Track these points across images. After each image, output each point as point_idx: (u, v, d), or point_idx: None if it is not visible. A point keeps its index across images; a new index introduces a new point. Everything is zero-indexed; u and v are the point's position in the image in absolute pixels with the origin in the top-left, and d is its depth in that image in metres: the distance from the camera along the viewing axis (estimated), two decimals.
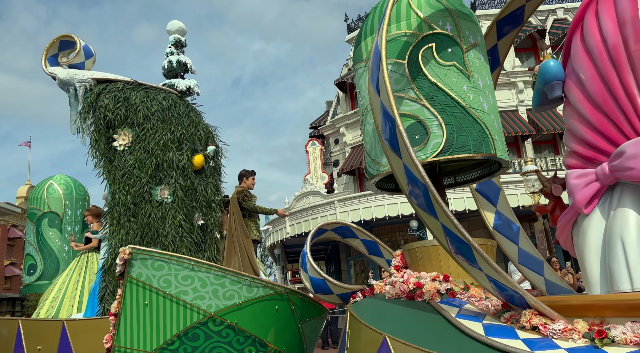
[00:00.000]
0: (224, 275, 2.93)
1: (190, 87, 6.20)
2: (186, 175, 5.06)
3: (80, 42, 5.38)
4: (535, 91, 2.63)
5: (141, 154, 4.91)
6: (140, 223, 4.70)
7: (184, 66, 6.35)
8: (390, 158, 2.36)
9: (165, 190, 4.88)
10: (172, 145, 5.08)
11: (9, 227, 29.21)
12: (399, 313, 2.45)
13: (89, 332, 3.76)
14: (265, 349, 3.02)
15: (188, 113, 5.43)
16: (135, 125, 5.02)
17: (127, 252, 2.85)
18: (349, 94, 22.11)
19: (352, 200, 17.07)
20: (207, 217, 5.20)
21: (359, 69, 3.07)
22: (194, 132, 5.37)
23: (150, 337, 2.88)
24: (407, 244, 2.94)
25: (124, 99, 5.06)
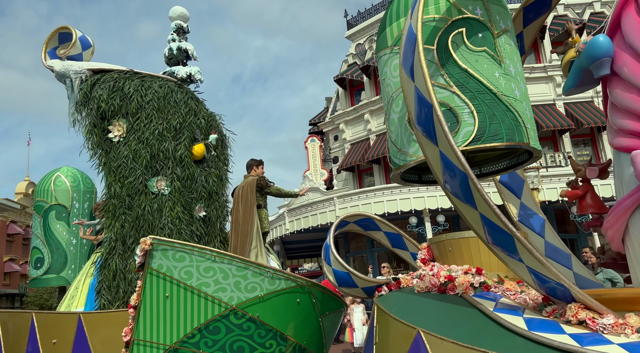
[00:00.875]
0: (246, 267, 2.80)
1: (190, 74, 5.96)
2: (184, 165, 4.83)
3: (76, 33, 5.22)
4: (573, 71, 2.48)
5: (136, 145, 4.70)
6: (135, 216, 4.50)
7: (185, 53, 6.11)
8: (424, 145, 2.23)
9: (162, 181, 4.67)
10: (168, 134, 4.84)
11: (8, 223, 29.12)
12: (431, 307, 2.33)
13: (105, 324, 3.60)
14: (286, 343, 2.90)
15: (186, 101, 5.16)
16: (130, 115, 4.79)
17: (147, 242, 2.72)
18: (348, 90, 21.93)
19: (351, 196, 16.96)
20: (209, 208, 4.97)
21: (384, 56, 2.93)
22: (193, 120, 5.12)
23: (171, 330, 2.75)
24: (434, 236, 2.81)
25: (118, 89, 4.83)
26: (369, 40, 21.37)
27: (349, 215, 3.23)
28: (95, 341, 3.51)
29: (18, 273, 29.79)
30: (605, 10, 17.62)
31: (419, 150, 2.58)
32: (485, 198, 1.96)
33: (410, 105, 2.27)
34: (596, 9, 17.64)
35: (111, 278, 4.34)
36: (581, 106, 16.95)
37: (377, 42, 3.06)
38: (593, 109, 16.60)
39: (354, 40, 22.88)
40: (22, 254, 30.57)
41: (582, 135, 17.14)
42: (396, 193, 16.30)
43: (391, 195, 16.39)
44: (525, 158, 2.91)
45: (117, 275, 4.37)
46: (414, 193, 16.27)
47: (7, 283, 29.16)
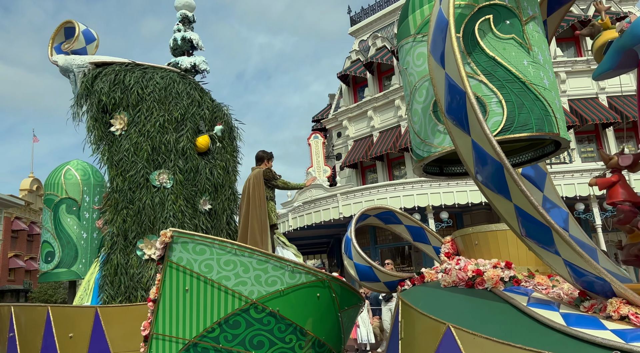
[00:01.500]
0: (267, 260, 2.71)
1: (195, 64, 5.77)
2: (187, 157, 4.66)
3: (80, 27, 5.12)
4: (612, 52, 2.36)
5: (137, 137, 4.56)
6: (136, 210, 4.38)
7: (190, 43, 5.91)
8: (455, 135, 2.14)
9: (163, 174, 4.53)
10: (170, 126, 4.67)
11: (12, 220, 29.16)
12: (460, 301, 2.25)
13: (123, 318, 3.53)
14: (305, 338, 2.82)
15: (189, 91, 4.97)
16: (130, 107, 4.66)
17: (168, 235, 2.63)
18: (351, 87, 21.79)
19: (354, 193, 16.88)
20: (215, 201, 4.80)
21: (406, 44, 2.83)
22: (197, 111, 4.92)
23: (190, 324, 2.68)
24: (459, 230, 2.72)
25: (119, 82, 4.70)
26: (373, 37, 21.20)
27: (369, 208, 3.14)
28: (112, 335, 3.43)
29: (22, 269, 29.86)
30: (610, 5, 17.41)
31: (444, 141, 2.49)
32: (522, 188, 1.87)
33: (440, 94, 2.17)
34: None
35: (113, 273, 4.26)
36: (585, 103, 16.79)
37: (399, 30, 2.95)
38: (597, 105, 16.44)
39: (357, 37, 22.72)
40: (27, 250, 30.61)
41: (587, 132, 16.99)
42: (399, 190, 16.21)
43: (394, 191, 16.30)
44: (551, 149, 2.82)
45: (119, 270, 4.28)
46: (417, 190, 16.18)
47: (12, 279, 29.22)
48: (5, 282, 28.47)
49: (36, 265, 30.88)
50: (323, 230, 18.97)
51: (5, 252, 28.12)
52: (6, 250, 28.27)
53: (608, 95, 16.77)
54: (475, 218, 16.97)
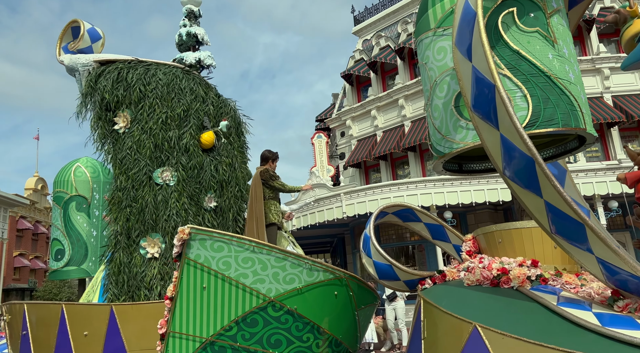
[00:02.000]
0: (285, 257, 2.65)
1: (200, 59, 5.63)
2: (191, 154, 4.56)
3: (84, 26, 5.08)
4: None
5: (139, 135, 4.49)
6: (140, 208, 4.31)
7: (195, 38, 5.69)
8: (482, 130, 2.07)
9: (166, 171, 4.43)
10: (172, 122, 4.58)
11: (17, 219, 29.19)
12: (485, 300, 2.18)
13: (138, 316, 3.44)
14: (323, 337, 2.76)
15: (192, 87, 4.85)
16: (132, 105, 4.59)
17: (186, 232, 2.57)
18: (355, 87, 21.71)
19: (358, 192, 16.80)
20: (221, 198, 4.68)
21: (425, 39, 2.76)
22: (200, 107, 4.79)
23: (207, 322, 2.62)
24: (481, 227, 2.65)
25: (122, 79, 4.64)
26: (376, 36, 21.13)
27: (388, 205, 3.07)
28: (128, 333, 3.35)
29: (27, 268, 29.89)
30: (615, 5, 17.28)
31: (466, 137, 2.43)
32: (554, 184, 1.80)
33: (466, 88, 2.11)
34: (606, 4, 17.30)
35: (117, 272, 4.22)
36: (590, 102, 16.68)
37: (417, 25, 2.89)
38: (602, 104, 16.33)
39: (361, 36, 22.64)
40: (32, 249, 30.64)
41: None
42: (403, 190, 16.14)
43: (398, 191, 16.23)
44: (573, 146, 2.75)
45: (122, 268, 4.23)
46: (421, 190, 16.11)
47: (17, 277, 29.26)
48: (10, 280, 28.51)
49: (41, 264, 30.91)
50: (326, 229, 18.89)
51: (10, 251, 28.15)
52: (11, 249, 28.29)
53: (613, 95, 16.65)
54: (479, 218, 16.87)
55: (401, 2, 20.89)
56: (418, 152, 19.25)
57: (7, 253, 27.56)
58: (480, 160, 2.91)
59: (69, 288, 26.96)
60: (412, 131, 18.73)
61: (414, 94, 18.89)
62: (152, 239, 4.27)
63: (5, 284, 27.31)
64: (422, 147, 18.85)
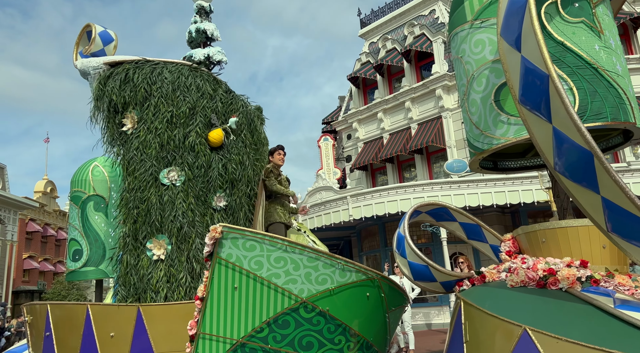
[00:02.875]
0: (317, 257, 2.54)
1: (208, 55, 5.46)
2: (197, 152, 4.41)
3: (96, 30, 5.04)
4: None
5: (145, 135, 4.41)
6: (147, 210, 4.22)
7: (204, 34, 5.47)
8: (531, 123, 1.97)
9: (173, 171, 4.31)
10: (177, 121, 4.45)
11: (27, 221, 29.25)
12: (533, 302, 2.06)
13: (165, 317, 3.33)
14: (354, 339, 2.65)
15: (198, 84, 4.69)
16: (138, 105, 4.52)
17: (218, 230, 2.47)
18: (361, 89, 21.65)
19: (364, 195, 16.67)
20: (231, 197, 4.48)
21: (461, 32, 2.66)
22: (207, 104, 4.62)
23: (238, 323, 2.51)
24: (523, 226, 2.53)
25: (129, 80, 4.57)
26: (383, 39, 21.08)
27: (422, 204, 2.95)
28: (155, 334, 3.23)
29: (37, 270, 29.93)
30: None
31: (507, 132, 2.32)
32: (616, 179, 1.69)
33: (514, 79, 2.01)
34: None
35: (125, 273, 4.14)
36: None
37: (452, 18, 2.79)
38: None
39: (367, 39, 22.60)
40: (41, 251, 30.71)
41: None
42: (409, 192, 16.01)
43: (404, 194, 16.10)
44: (617, 141, 2.63)
45: (129, 270, 4.14)
46: (427, 193, 15.97)
47: (27, 279, 29.30)
48: (20, 283, 28.56)
49: (50, 267, 30.93)
50: (333, 232, 18.76)
51: (20, 254, 28.20)
52: (21, 251, 28.35)
53: None
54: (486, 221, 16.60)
55: (407, 4, 20.84)
56: (425, 155, 19.12)
57: (16, 256, 27.62)
58: (516, 157, 2.80)
59: (77, 290, 26.94)
60: (418, 133, 18.62)
61: (421, 97, 18.79)
62: (158, 241, 4.18)
63: (15, 286, 27.33)
64: (429, 149, 18.73)
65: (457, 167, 16.86)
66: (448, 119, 18.39)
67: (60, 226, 33.48)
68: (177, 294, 3.75)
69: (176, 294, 3.76)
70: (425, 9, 20.58)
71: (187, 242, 4.11)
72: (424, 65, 19.58)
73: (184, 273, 3.96)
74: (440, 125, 18.27)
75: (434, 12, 20.21)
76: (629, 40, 17.35)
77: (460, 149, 17.66)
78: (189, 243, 4.11)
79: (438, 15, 19.86)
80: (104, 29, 5.19)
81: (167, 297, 3.79)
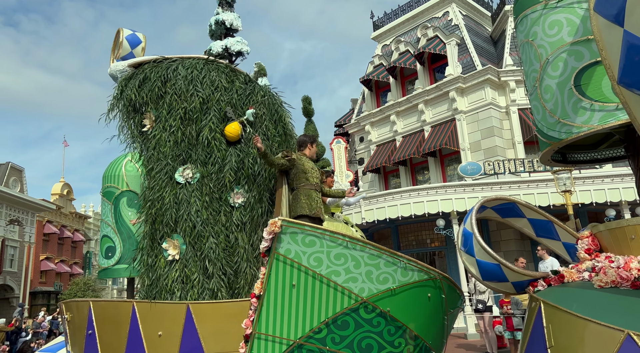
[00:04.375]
0: (379, 255, 2.34)
1: (226, 47, 5.07)
2: (212, 148, 4.20)
3: (123, 34, 4.98)
4: None
5: (160, 133, 4.28)
6: (164, 209, 4.08)
7: (223, 25, 5.16)
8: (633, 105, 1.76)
9: (187, 169, 4.15)
10: (192, 116, 4.24)
11: (44, 223, 29.50)
12: (632, 305, 1.85)
13: (216, 316, 3.09)
14: (414, 342, 2.44)
15: (212, 78, 4.43)
16: (154, 103, 4.39)
17: (277, 224, 2.28)
18: (374, 92, 21.47)
19: (377, 198, 16.45)
20: (250, 193, 4.20)
21: (532, 14, 2.45)
22: (222, 97, 4.34)
23: (296, 323, 2.31)
24: (605, 223, 2.31)
25: (147, 79, 4.47)
26: (396, 41, 20.90)
27: (489, 199, 2.72)
28: (205, 333, 2.97)
29: (53, 272, 30.11)
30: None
31: (591, 119, 2.11)
32: None
33: (612, 58, 1.80)
34: None
35: (144, 273, 4.03)
36: None
37: (519, 1, 2.59)
38: None
39: (380, 42, 22.45)
40: (57, 253, 30.93)
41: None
42: (423, 195, 15.76)
43: (418, 197, 15.86)
44: None
45: (147, 270, 4.01)
46: (441, 195, 15.70)
47: (43, 281, 29.48)
48: (37, 283, 28.73)
49: (66, 268, 31.07)
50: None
51: (37, 255, 28.40)
52: (38, 253, 28.55)
53: None
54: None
55: (420, 7, 20.65)
56: (438, 157, 18.85)
57: (34, 257, 27.80)
58: (586, 149, 2.59)
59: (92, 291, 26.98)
60: (432, 136, 18.36)
61: (434, 99, 18.56)
62: (173, 241, 4.03)
63: (32, 287, 27.48)
64: (443, 152, 18.47)
65: (471, 170, 16.57)
66: (462, 121, 18.13)
67: (77, 228, 33.71)
68: (191, 296, 3.58)
69: (190, 295, 3.59)
70: (439, 11, 20.36)
71: (200, 242, 3.94)
72: (437, 67, 19.35)
73: (198, 274, 3.78)
74: (453, 127, 18.01)
75: (447, 14, 19.99)
76: None
77: (474, 151, 17.39)
78: (202, 243, 3.93)
79: (452, 17, 19.63)
80: (132, 32, 5.11)
81: (181, 298, 3.64)
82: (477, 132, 17.91)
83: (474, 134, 17.88)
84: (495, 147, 17.02)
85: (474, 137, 17.75)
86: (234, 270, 3.80)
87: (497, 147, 17.01)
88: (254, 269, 3.80)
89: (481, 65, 17.36)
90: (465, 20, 19.34)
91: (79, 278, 29.33)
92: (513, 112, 17.44)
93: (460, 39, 18.53)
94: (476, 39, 18.95)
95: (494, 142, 17.16)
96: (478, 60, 17.61)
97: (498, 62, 18.61)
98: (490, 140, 17.33)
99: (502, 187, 15.09)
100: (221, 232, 3.98)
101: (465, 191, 15.36)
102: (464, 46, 18.39)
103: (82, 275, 31.49)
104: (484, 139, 17.55)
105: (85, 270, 34.29)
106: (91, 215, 37.03)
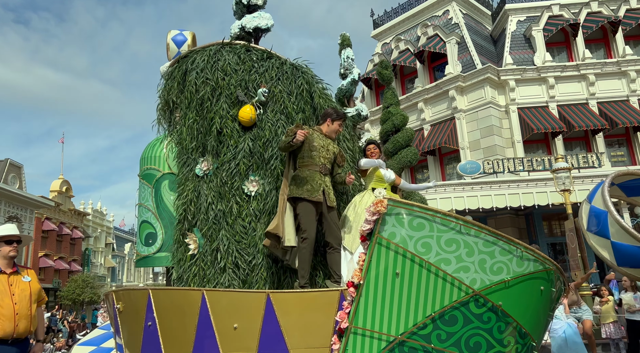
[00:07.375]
0: (495, 241, 1.93)
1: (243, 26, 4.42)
2: (223, 135, 3.87)
3: (170, 35, 4.87)
4: None
5: (181, 128, 4.11)
6: (186, 204, 3.90)
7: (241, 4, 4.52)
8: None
9: (205, 161, 3.89)
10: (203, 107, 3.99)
11: (43, 220, 28.69)
12: None
13: (300, 307, 2.51)
14: (523, 340, 2.07)
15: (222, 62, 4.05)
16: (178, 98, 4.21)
17: (384, 203, 1.87)
18: (374, 90, 21.18)
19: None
20: (264, 180, 3.75)
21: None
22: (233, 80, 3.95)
23: (398, 317, 1.91)
24: None
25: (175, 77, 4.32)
26: (396, 40, 20.61)
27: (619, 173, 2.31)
28: (288, 327, 2.42)
29: (52, 269, 29.28)
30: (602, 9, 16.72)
31: None
32: None
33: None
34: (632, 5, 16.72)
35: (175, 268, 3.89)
36: (615, 105, 16.10)
37: None
38: (628, 108, 15.74)
39: (380, 40, 22.13)
40: (56, 250, 30.14)
41: (617, 135, 16.24)
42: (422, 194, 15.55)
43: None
44: None
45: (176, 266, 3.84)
46: (440, 194, 15.47)
47: (42, 277, 28.53)
48: None
49: (65, 265, 30.15)
50: None
51: (35, 252, 27.53)
52: (36, 249, 27.70)
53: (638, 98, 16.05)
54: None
55: (420, 5, 20.37)
56: (437, 156, 18.60)
57: (32, 254, 26.93)
58: None
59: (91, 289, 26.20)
60: (431, 135, 18.10)
61: (434, 98, 18.30)
62: (192, 235, 3.81)
63: None
64: (442, 150, 18.22)
65: (470, 169, 16.37)
66: (461, 120, 17.94)
67: (76, 225, 32.92)
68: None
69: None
70: (439, 10, 20.11)
71: (215, 235, 3.67)
72: (437, 66, 19.12)
73: (212, 268, 3.57)
74: (453, 126, 17.80)
75: (447, 12, 19.75)
76: (608, 44, 17.03)
77: (473, 150, 17.20)
78: (215, 236, 3.66)
79: (452, 16, 19.41)
80: (179, 32, 4.91)
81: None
82: (477, 131, 17.74)
83: (474, 132, 17.70)
84: (494, 146, 16.86)
85: (473, 135, 17.57)
86: (249, 263, 3.53)
87: (497, 146, 16.86)
88: (269, 261, 3.53)
89: (481, 64, 17.17)
90: (465, 19, 19.13)
91: (78, 276, 28.61)
92: (513, 111, 17.31)
93: (460, 37, 18.31)
94: (476, 38, 18.75)
95: (493, 141, 17.00)
96: (478, 59, 17.42)
97: (498, 61, 18.45)
98: (489, 139, 17.18)
99: (501, 186, 14.92)
100: (235, 223, 3.65)
101: (464, 190, 15.16)
102: (464, 45, 18.18)
103: (80, 272, 30.68)
104: (483, 137, 17.38)
105: (84, 267, 33.41)
106: (90, 213, 36.24)
